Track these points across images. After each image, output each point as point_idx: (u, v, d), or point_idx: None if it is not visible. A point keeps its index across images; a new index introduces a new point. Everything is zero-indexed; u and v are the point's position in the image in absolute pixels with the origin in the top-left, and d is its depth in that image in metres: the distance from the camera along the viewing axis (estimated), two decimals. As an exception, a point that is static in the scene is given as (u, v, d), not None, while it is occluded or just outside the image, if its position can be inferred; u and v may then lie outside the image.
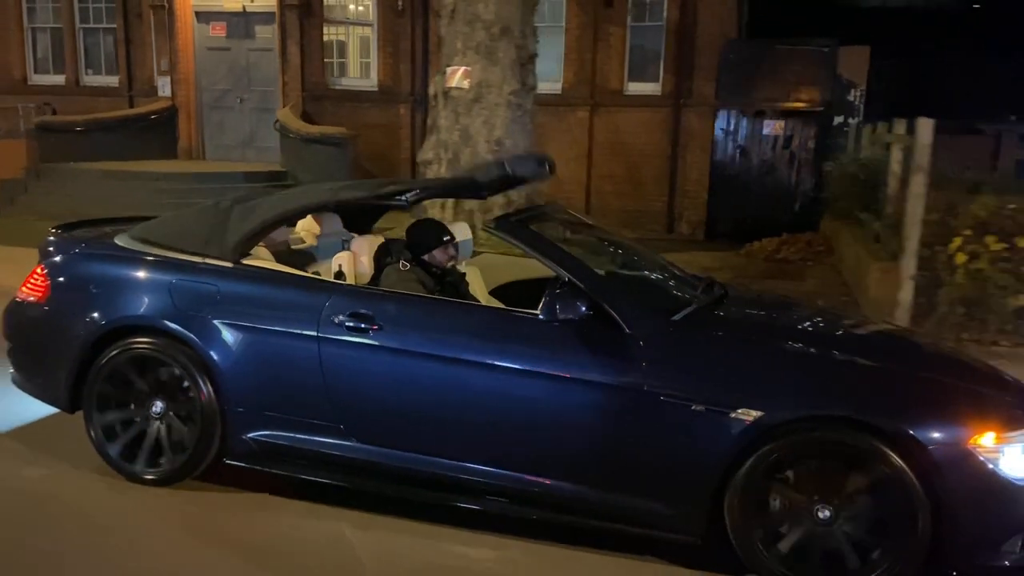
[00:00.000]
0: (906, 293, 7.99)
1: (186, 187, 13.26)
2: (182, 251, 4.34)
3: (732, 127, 15.05)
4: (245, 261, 4.27)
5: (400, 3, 15.96)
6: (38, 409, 4.87)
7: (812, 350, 3.76)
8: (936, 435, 3.26)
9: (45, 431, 4.96)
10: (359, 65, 16.53)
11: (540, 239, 3.93)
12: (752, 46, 15.05)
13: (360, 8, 16.32)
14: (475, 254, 5.29)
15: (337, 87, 16.25)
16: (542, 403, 3.68)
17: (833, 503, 3.36)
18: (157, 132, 16.24)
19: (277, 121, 14.92)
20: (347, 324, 3.90)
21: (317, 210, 4.63)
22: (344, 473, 4.02)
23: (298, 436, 4.04)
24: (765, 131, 15.02)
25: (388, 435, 3.93)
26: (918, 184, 7.86)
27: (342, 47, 16.49)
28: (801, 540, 3.39)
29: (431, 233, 4.51)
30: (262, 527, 4.02)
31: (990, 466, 3.25)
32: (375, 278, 4.49)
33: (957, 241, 7.72)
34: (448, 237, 4.50)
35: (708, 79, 15.09)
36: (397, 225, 5.40)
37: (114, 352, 4.22)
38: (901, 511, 3.26)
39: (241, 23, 16.16)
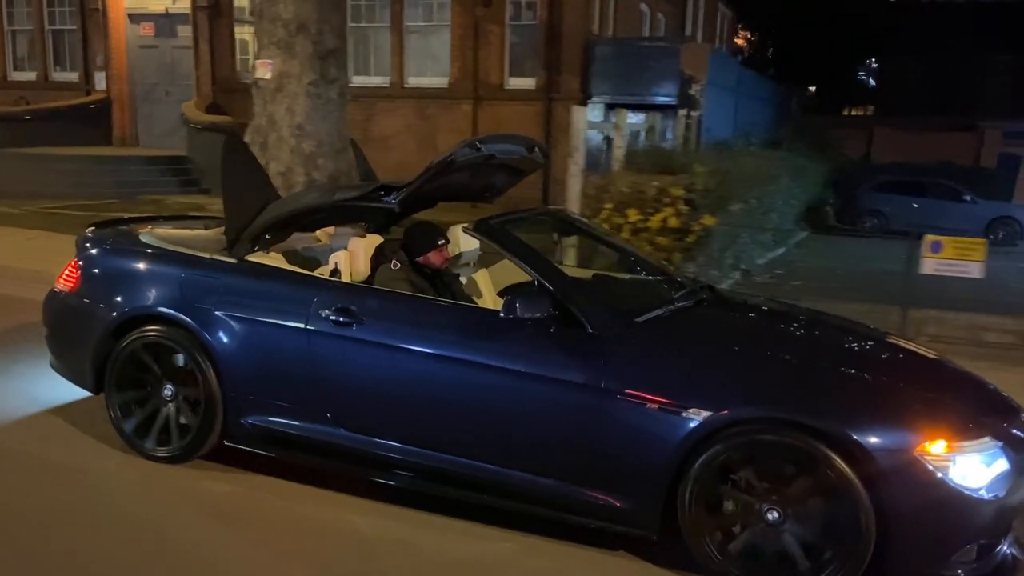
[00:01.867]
0: (569, 259, 9.06)
1: (84, 168, 15.01)
2: (194, 247, 4.67)
3: (598, 119, 16.01)
4: (249, 258, 4.48)
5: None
6: (74, 391, 5.09)
7: (768, 353, 3.74)
8: (881, 441, 3.19)
9: (80, 411, 5.19)
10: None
11: (513, 241, 4.01)
12: (612, 44, 16.05)
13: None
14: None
15: (245, 81, 17.82)
16: (502, 397, 3.76)
17: (781, 505, 3.32)
18: (94, 122, 18.13)
19: (182, 113, 16.58)
20: (332, 318, 4.07)
21: (312, 213, 4.67)
22: (332, 459, 4.16)
23: (290, 422, 4.22)
24: (633, 124, 15.94)
25: (369, 423, 4.07)
26: (576, 164, 8.90)
27: (247, 45, 18.10)
28: (751, 541, 3.37)
29: (425, 236, 4.61)
30: (273, 509, 4.13)
31: (939, 475, 3.16)
32: (371, 277, 4.64)
33: (604, 213, 8.73)
34: (442, 240, 4.61)
35: (575, 74, 16.12)
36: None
37: (130, 339, 4.48)
38: (846, 516, 3.21)
39: (166, 23, 17.93)
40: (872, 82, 40.88)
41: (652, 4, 21.04)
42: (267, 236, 4.54)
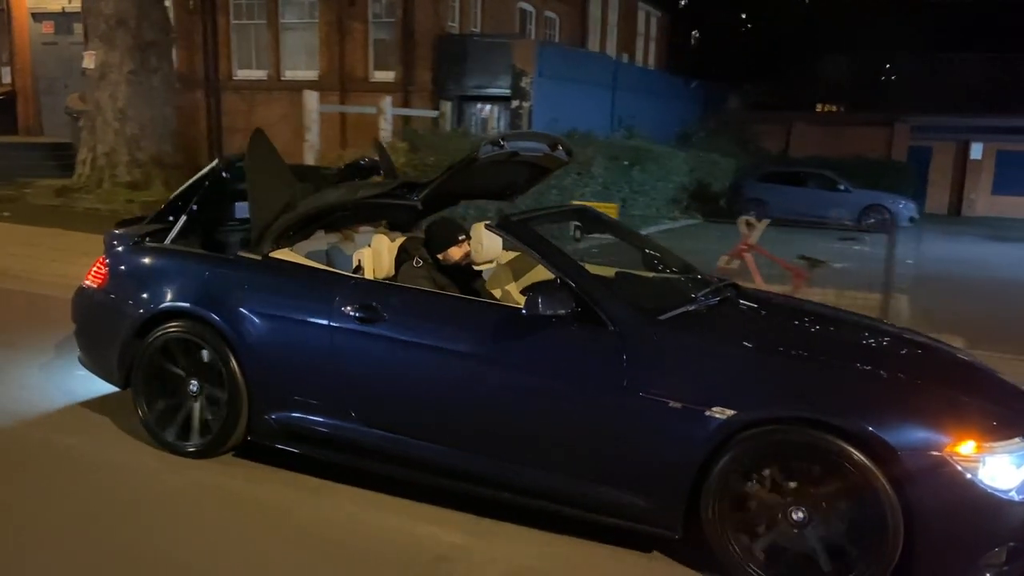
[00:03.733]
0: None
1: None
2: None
3: (450, 110, 17.23)
4: (274, 255, 4.46)
5: (191, 2, 18.81)
6: (101, 386, 5.10)
7: (793, 352, 3.65)
8: (909, 441, 3.12)
9: (107, 405, 5.20)
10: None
11: (535, 238, 3.97)
12: (456, 41, 17.21)
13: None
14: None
15: (137, 75, 19.20)
16: (523, 394, 3.72)
17: (807, 506, 3.26)
18: (2, 112, 19.53)
19: (67, 104, 17.93)
20: (355, 315, 4.04)
21: (336, 210, 4.65)
22: (355, 456, 4.12)
23: (313, 418, 4.18)
24: (481, 114, 17.17)
25: (392, 420, 4.03)
26: (308, 141, 10.12)
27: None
28: (774, 540, 3.31)
29: (445, 232, 4.59)
30: (303, 506, 4.07)
31: (968, 476, 3.09)
32: (395, 275, 4.62)
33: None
34: (462, 236, 4.58)
35: (427, 69, 17.34)
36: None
37: (156, 335, 4.47)
38: (872, 517, 3.14)
39: (64, 21, 19.30)
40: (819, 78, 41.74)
41: (538, 4, 22.15)
42: (291, 233, 4.54)
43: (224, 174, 4.87)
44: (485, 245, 4.63)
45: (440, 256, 4.54)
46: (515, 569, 3.55)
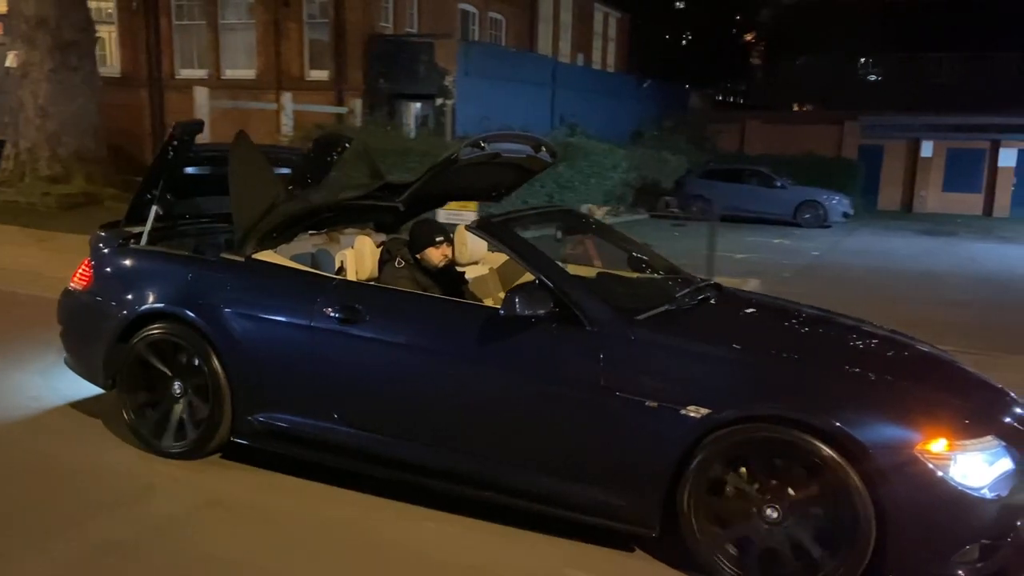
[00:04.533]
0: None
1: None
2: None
3: (359, 107, 17.77)
4: (256, 256, 4.45)
5: (135, 3, 19.40)
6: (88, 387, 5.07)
7: (768, 351, 3.67)
8: (880, 439, 3.14)
9: (94, 408, 5.19)
10: (102, 56, 20.02)
11: (514, 239, 3.99)
12: (386, 41, 17.78)
13: (104, 7, 19.88)
14: None
15: (84, 74, 19.80)
16: (502, 393, 3.75)
17: (780, 503, 3.27)
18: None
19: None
20: (336, 316, 4.04)
21: (319, 212, 4.64)
22: (337, 455, 4.13)
23: (296, 419, 4.18)
24: (411, 112, 17.74)
25: (373, 420, 4.05)
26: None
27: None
28: (749, 537, 3.34)
29: (426, 234, 4.62)
30: (278, 504, 4.06)
31: (940, 474, 3.09)
32: (379, 277, 4.65)
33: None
34: (440, 238, 4.60)
35: (358, 68, 17.92)
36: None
37: (140, 337, 4.47)
38: (845, 514, 3.16)
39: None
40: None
41: (481, 5, 22.72)
42: (275, 235, 4.54)
43: (174, 143, 4.77)
44: (469, 246, 4.66)
45: (419, 256, 4.58)
46: (498, 569, 3.53)
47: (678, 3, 37.74)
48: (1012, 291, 12.23)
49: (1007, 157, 28.83)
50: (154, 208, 4.81)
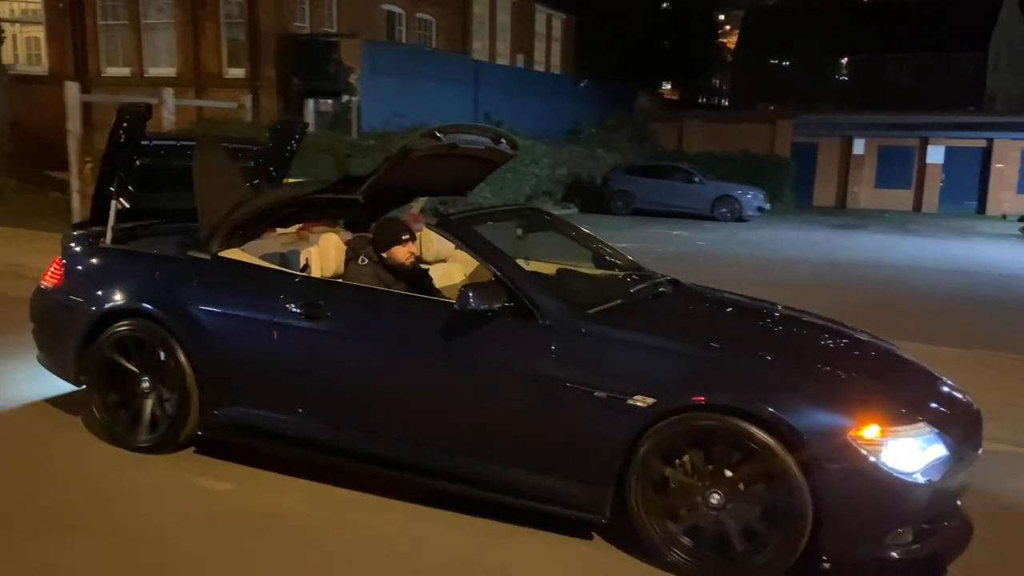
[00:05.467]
0: (75, 203, 11.53)
1: None
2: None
3: (294, 105, 18.47)
4: (223, 254, 4.52)
5: (61, 3, 20.05)
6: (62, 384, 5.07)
7: (712, 342, 3.78)
8: (815, 425, 3.25)
9: (68, 404, 5.21)
10: (33, 55, 20.69)
11: (472, 236, 4.06)
12: (298, 40, 18.47)
13: (31, 8, 20.53)
14: None
15: (12, 72, 20.39)
16: (459, 386, 3.84)
17: (723, 489, 3.37)
18: None
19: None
20: (298, 312, 4.12)
21: (281, 208, 4.69)
22: (301, 448, 4.19)
23: (262, 413, 4.27)
24: (320, 109, 18.42)
25: (335, 414, 4.13)
26: (71, 129, 11.36)
27: (13, 40, 20.69)
28: (694, 522, 3.43)
29: (391, 232, 4.66)
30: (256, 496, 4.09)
31: (872, 459, 3.19)
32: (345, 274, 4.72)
33: (88, 166, 11.26)
34: (406, 236, 4.66)
35: (271, 66, 18.59)
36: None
37: (109, 333, 4.54)
38: (783, 499, 3.26)
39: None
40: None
41: (408, 5, 23.39)
42: (241, 232, 4.61)
43: (123, 126, 4.77)
44: (435, 245, 4.78)
45: (384, 255, 4.62)
46: (462, 558, 3.59)
47: (626, 6, 38.42)
48: (871, 278, 12.85)
49: (935, 154, 29.65)
50: (114, 204, 4.83)
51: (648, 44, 40.12)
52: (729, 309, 4.64)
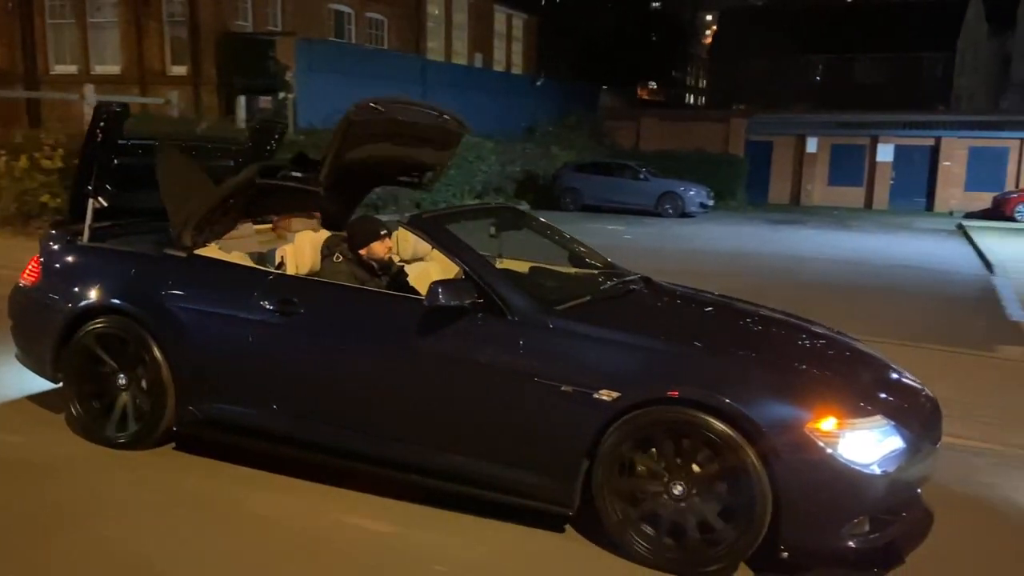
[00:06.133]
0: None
1: None
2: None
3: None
4: (199, 252, 4.56)
5: (10, 3, 20.42)
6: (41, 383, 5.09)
7: (676, 337, 3.86)
8: (774, 418, 3.31)
9: (46, 402, 5.21)
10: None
11: (443, 234, 4.11)
12: (237, 39, 18.89)
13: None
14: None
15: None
16: (430, 381, 3.88)
17: (685, 481, 3.44)
18: None
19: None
20: (272, 308, 4.16)
21: (241, 193, 4.61)
22: (275, 443, 4.23)
23: (236, 409, 4.31)
24: (260, 105, 18.82)
25: (308, 409, 4.18)
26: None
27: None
28: (656, 513, 3.49)
29: (370, 228, 4.69)
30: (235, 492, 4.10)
31: (829, 451, 3.25)
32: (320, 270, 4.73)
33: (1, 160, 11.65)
34: (385, 231, 4.69)
35: (212, 64, 19.01)
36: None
37: (85, 331, 4.57)
38: (743, 491, 3.31)
39: None
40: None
41: (358, 5, 23.79)
42: (209, 225, 4.61)
43: (100, 125, 4.82)
44: (412, 243, 4.86)
45: (364, 252, 4.63)
46: (436, 554, 3.60)
47: (591, 6, 38.96)
48: (764, 266, 13.31)
49: (884, 152, 30.14)
50: (91, 202, 4.85)
51: (613, 44, 40.63)
52: (697, 306, 4.71)
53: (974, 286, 11.88)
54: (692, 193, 23.67)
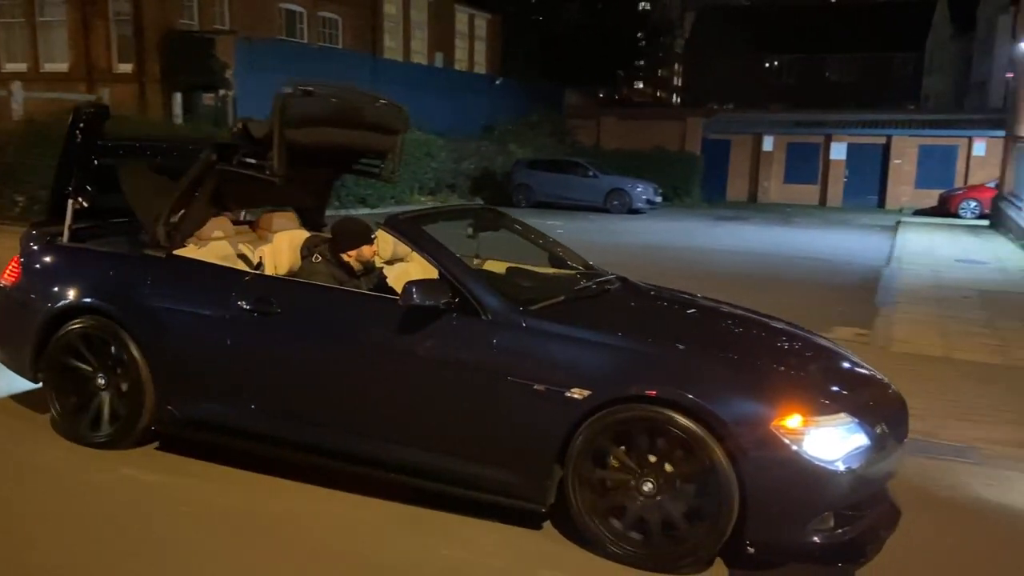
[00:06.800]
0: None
1: None
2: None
3: (178, 100, 19.22)
4: (178, 252, 4.59)
5: (-40, 3, 20.75)
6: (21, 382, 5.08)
7: (647, 337, 3.89)
8: (741, 416, 3.36)
9: (28, 401, 5.23)
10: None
11: (419, 236, 4.15)
12: (180, 37, 19.27)
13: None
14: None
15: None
16: (406, 380, 3.92)
17: (655, 478, 3.48)
18: None
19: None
20: (249, 308, 4.19)
21: (204, 174, 4.55)
22: (253, 441, 4.25)
23: (212, 407, 4.34)
24: (204, 102, 19.19)
25: (285, 407, 4.20)
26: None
27: None
28: (627, 510, 3.54)
29: (360, 231, 4.72)
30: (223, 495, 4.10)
31: (794, 448, 3.30)
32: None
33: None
34: (374, 235, 4.74)
35: (156, 61, 19.36)
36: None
37: (65, 330, 4.60)
38: (712, 487, 3.36)
39: None
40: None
41: (310, 4, 24.14)
42: (180, 219, 4.60)
43: (80, 126, 4.86)
44: (392, 244, 4.94)
45: (353, 254, 4.68)
46: (426, 555, 3.63)
47: (556, 6, 39.40)
48: (675, 258, 13.70)
49: (838, 151, 30.66)
50: (71, 202, 4.86)
51: (579, 44, 41.06)
52: (669, 305, 4.76)
53: (863, 276, 12.29)
54: (639, 190, 24.10)
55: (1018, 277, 12.18)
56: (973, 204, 25.72)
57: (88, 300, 4.59)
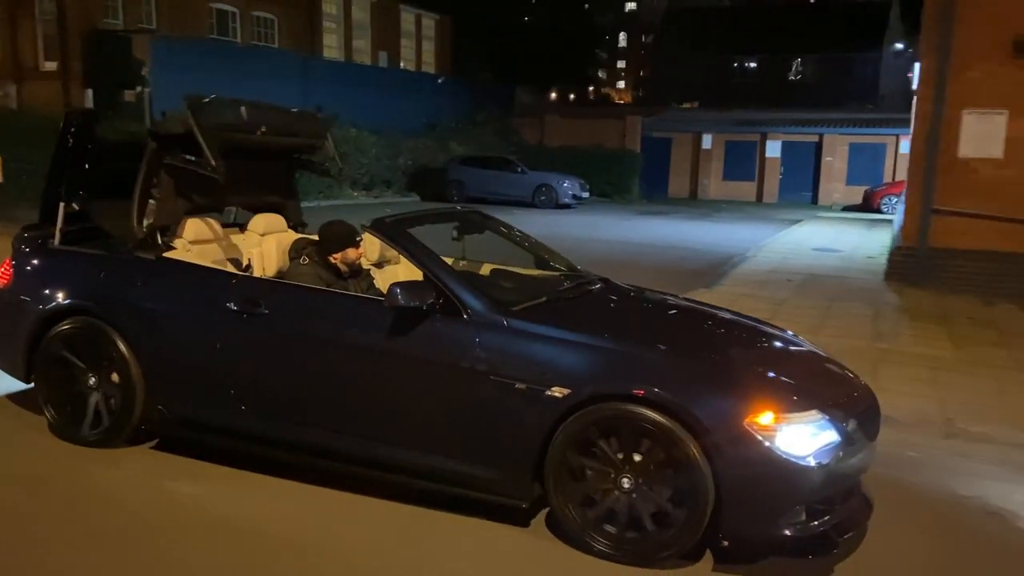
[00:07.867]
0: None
1: None
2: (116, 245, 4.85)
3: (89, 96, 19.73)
4: (167, 255, 4.67)
5: None
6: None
7: (625, 337, 3.98)
8: (715, 413, 3.45)
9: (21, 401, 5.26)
10: None
11: (404, 238, 4.21)
12: (101, 36, 19.83)
13: None
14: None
15: None
16: (390, 379, 3.99)
17: (633, 475, 3.56)
18: None
19: None
20: (237, 309, 4.25)
21: (154, 164, 4.68)
22: (241, 441, 4.33)
23: (204, 408, 4.41)
24: (125, 99, 19.72)
25: (272, 408, 4.27)
26: None
27: None
28: (606, 506, 3.61)
29: (346, 234, 4.78)
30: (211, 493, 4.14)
31: (766, 444, 3.38)
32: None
33: None
34: (360, 237, 4.80)
35: (79, 60, 19.88)
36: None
37: (56, 331, 4.67)
38: (688, 483, 3.45)
39: None
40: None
41: (243, 4, 24.64)
42: (154, 217, 4.70)
43: (72, 130, 4.94)
44: (379, 247, 5.05)
45: (339, 256, 4.74)
46: (424, 552, 3.68)
47: (507, 7, 40.04)
48: (575, 250, 14.14)
49: (773, 148, 31.41)
50: (61, 205, 4.91)
51: (530, 45, 41.71)
52: (649, 306, 4.85)
53: (718, 262, 12.91)
54: (566, 185, 24.75)
55: (856, 264, 12.86)
56: (894, 200, 26.43)
57: (79, 302, 4.69)
